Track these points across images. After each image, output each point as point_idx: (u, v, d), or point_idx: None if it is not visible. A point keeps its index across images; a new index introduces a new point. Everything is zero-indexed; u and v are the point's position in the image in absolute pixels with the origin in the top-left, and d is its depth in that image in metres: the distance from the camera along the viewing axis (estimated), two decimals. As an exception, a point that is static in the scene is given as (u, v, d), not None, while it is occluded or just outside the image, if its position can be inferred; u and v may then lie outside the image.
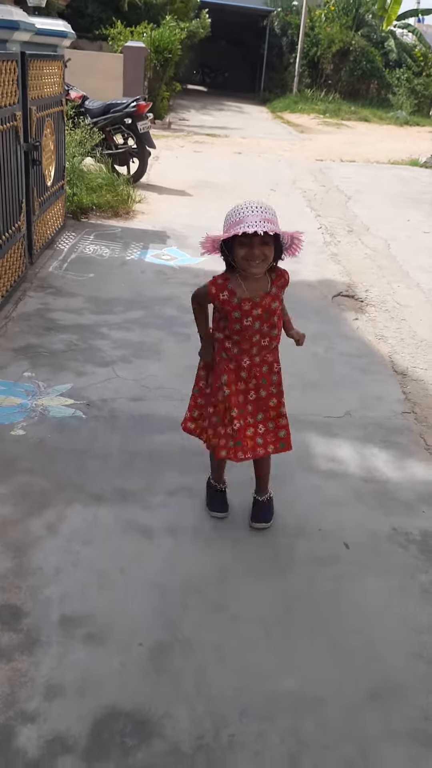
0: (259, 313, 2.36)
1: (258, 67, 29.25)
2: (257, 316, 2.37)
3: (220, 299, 2.36)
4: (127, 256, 5.92)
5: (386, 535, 2.71)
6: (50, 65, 5.56)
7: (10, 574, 2.37)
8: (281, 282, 2.40)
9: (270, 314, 2.39)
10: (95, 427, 3.27)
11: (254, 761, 1.82)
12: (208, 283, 2.40)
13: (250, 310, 2.35)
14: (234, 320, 2.37)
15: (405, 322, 4.99)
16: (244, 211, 2.21)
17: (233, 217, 2.24)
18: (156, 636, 2.17)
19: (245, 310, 2.35)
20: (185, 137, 14.05)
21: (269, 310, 2.38)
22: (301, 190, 9.54)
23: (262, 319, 2.38)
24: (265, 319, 2.38)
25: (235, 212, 2.24)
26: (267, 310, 2.38)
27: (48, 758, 1.79)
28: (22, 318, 4.41)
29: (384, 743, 1.88)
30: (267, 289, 2.37)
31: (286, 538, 2.63)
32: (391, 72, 25.35)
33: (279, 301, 2.41)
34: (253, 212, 2.19)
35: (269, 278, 2.38)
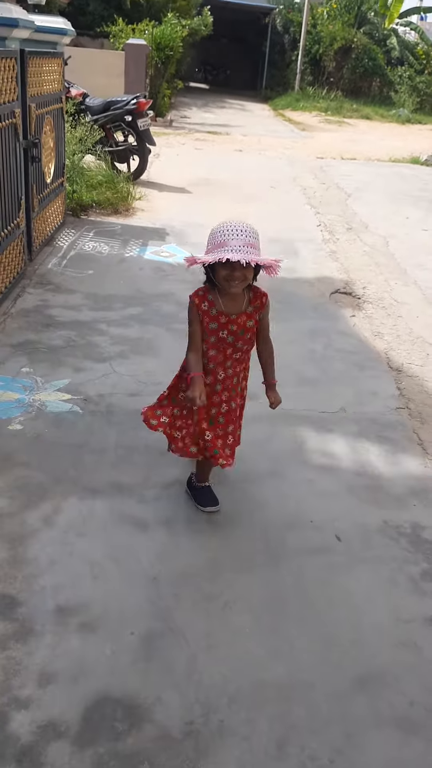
0: (234, 329, 2.46)
1: (260, 64, 29.25)
2: (232, 332, 2.46)
3: (202, 309, 2.45)
4: (126, 253, 5.95)
5: (377, 527, 2.74)
6: (50, 62, 5.59)
7: (5, 565, 2.41)
8: (258, 303, 2.48)
9: (245, 331, 2.49)
10: (92, 422, 3.31)
11: (243, 746, 1.86)
12: (191, 295, 2.48)
13: (226, 324, 2.45)
14: (210, 331, 2.46)
15: (401, 319, 5.02)
16: (228, 234, 2.27)
17: (217, 238, 2.30)
18: (148, 625, 2.21)
19: (222, 323, 2.45)
20: (186, 135, 14.08)
21: (244, 328, 2.48)
22: (301, 187, 9.57)
23: (236, 335, 2.48)
24: (239, 336, 2.48)
25: (219, 233, 2.31)
26: (242, 328, 2.47)
27: (41, 743, 1.83)
28: (21, 314, 4.45)
29: (370, 728, 1.93)
30: (243, 308, 2.46)
31: (279, 530, 2.67)
32: (393, 70, 25.34)
33: (255, 321, 2.49)
34: (237, 236, 2.26)
35: (247, 296, 2.46)
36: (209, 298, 2.45)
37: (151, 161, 9.03)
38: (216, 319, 2.45)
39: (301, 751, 1.85)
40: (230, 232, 2.27)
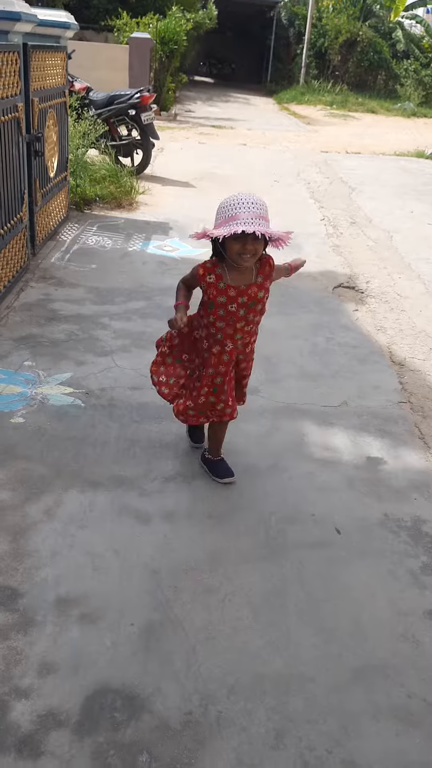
0: (245, 300, 2.44)
1: (265, 58, 29.17)
2: (242, 304, 2.45)
3: (207, 281, 2.43)
4: (129, 247, 5.96)
5: (378, 521, 2.75)
6: (53, 56, 5.59)
7: (7, 557, 2.42)
8: (266, 270, 2.46)
9: (255, 302, 2.47)
10: (94, 416, 3.32)
11: (241, 736, 1.87)
12: (197, 265, 2.47)
13: (236, 297, 2.43)
14: (219, 305, 2.45)
15: (404, 313, 5.01)
16: (239, 207, 2.23)
17: (227, 211, 2.27)
18: (148, 616, 2.22)
19: (231, 296, 2.42)
20: (190, 129, 14.05)
21: (255, 299, 2.46)
22: (305, 181, 9.55)
23: (246, 307, 2.46)
24: (250, 307, 2.46)
25: (229, 206, 2.27)
26: (252, 299, 2.45)
27: (41, 732, 1.84)
28: (24, 308, 4.46)
29: (367, 719, 1.93)
30: (253, 279, 2.44)
31: (279, 523, 2.68)
32: (398, 63, 25.23)
33: (265, 291, 2.48)
34: (248, 209, 2.22)
35: (255, 268, 2.44)
36: (217, 272, 2.43)
37: (154, 155, 9.02)
38: (224, 292, 2.43)
39: (299, 742, 1.86)
40: (241, 204, 2.24)
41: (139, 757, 1.80)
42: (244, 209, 2.22)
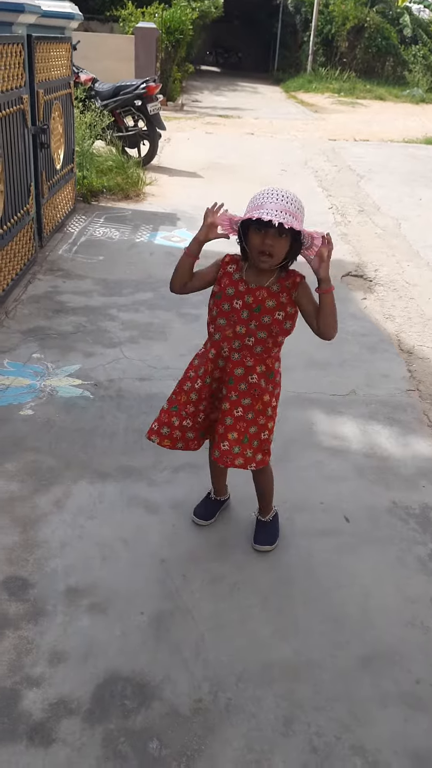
0: (251, 301, 2.19)
1: (271, 46, 28.97)
2: (247, 304, 2.19)
3: (226, 270, 2.23)
4: (136, 238, 5.96)
5: (386, 508, 2.75)
6: (57, 47, 5.57)
7: (17, 548, 2.44)
8: (288, 283, 2.18)
9: (261, 311, 2.19)
10: (102, 407, 3.34)
11: (250, 723, 1.88)
12: (227, 254, 2.27)
13: (243, 294, 2.19)
14: (226, 297, 2.23)
15: (413, 301, 4.99)
16: (266, 198, 2.04)
17: (254, 201, 2.08)
18: (157, 605, 2.24)
19: (239, 290, 2.21)
20: (197, 119, 13.99)
21: (261, 305, 2.18)
22: (312, 170, 9.50)
23: (250, 310, 2.19)
24: (254, 312, 2.19)
25: (258, 197, 2.08)
26: (259, 304, 2.18)
27: (52, 720, 1.86)
28: (32, 300, 4.47)
29: (375, 705, 1.94)
30: (267, 283, 2.18)
31: (288, 511, 2.68)
32: (407, 49, 24.97)
33: (277, 302, 2.18)
34: (276, 201, 2.02)
35: (276, 275, 2.19)
36: (240, 263, 2.22)
37: (161, 146, 9.00)
38: (235, 284, 2.20)
39: (307, 728, 1.87)
40: (269, 195, 2.04)
41: (149, 743, 1.82)
42: (271, 200, 2.03)
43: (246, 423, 2.28)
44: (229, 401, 2.27)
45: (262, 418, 2.30)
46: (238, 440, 2.28)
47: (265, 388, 2.28)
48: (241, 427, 2.27)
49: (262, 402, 2.28)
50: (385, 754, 1.81)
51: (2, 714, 1.87)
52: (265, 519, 2.57)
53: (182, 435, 2.39)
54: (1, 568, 2.35)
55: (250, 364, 2.25)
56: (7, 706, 1.89)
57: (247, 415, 2.27)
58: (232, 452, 2.28)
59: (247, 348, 2.24)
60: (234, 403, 2.27)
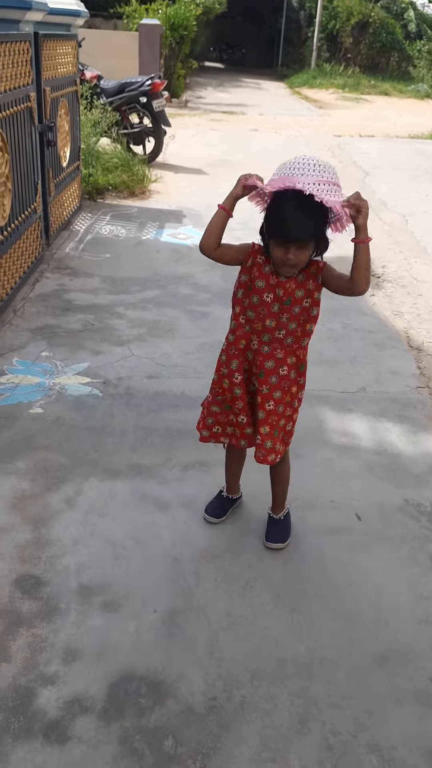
0: (281, 294, 2.15)
1: (275, 42, 28.89)
2: (278, 297, 2.16)
3: (257, 260, 2.17)
4: (143, 235, 5.95)
5: (397, 506, 2.75)
6: (64, 45, 5.57)
7: (29, 546, 2.45)
8: (312, 270, 2.15)
9: (292, 302, 2.16)
10: (111, 405, 3.34)
11: (265, 721, 1.88)
12: (253, 242, 2.22)
13: (274, 287, 2.16)
14: (255, 290, 2.18)
15: (422, 297, 4.98)
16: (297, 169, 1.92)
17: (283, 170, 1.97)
18: (170, 603, 2.24)
19: (270, 284, 2.16)
20: (202, 115, 13.98)
21: (292, 297, 2.16)
22: (318, 166, 9.46)
23: (281, 303, 2.16)
24: (285, 305, 2.17)
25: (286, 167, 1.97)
26: (289, 295, 2.16)
27: (67, 718, 1.87)
28: (40, 299, 4.48)
29: (390, 703, 1.94)
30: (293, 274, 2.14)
31: (299, 510, 2.68)
32: (411, 44, 24.89)
33: (305, 291, 2.16)
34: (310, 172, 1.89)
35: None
36: (266, 255, 2.15)
37: (166, 143, 8.99)
38: (266, 277, 2.15)
39: (323, 726, 1.87)
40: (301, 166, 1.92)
41: (165, 741, 1.82)
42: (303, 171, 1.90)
43: (277, 416, 2.28)
44: (261, 395, 2.26)
45: (290, 410, 2.32)
46: (270, 434, 2.29)
47: (295, 380, 2.28)
48: (273, 421, 2.28)
49: (291, 394, 2.28)
50: (400, 751, 1.81)
51: (18, 712, 1.87)
52: (278, 516, 2.57)
53: (241, 432, 2.37)
54: (14, 567, 2.35)
55: (281, 356, 2.23)
56: (23, 704, 1.90)
57: (278, 408, 2.27)
58: (265, 447, 2.29)
59: (278, 341, 2.22)
60: (265, 397, 2.26)
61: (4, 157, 4.03)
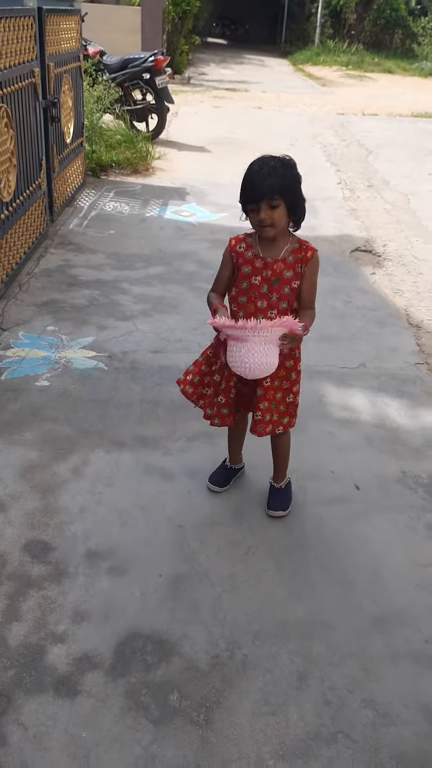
0: (269, 275, 2.27)
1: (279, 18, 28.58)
2: (266, 278, 2.27)
3: (236, 251, 2.31)
4: (146, 212, 5.98)
5: (395, 477, 2.82)
6: (67, 20, 5.56)
7: (38, 513, 2.52)
8: (301, 255, 2.26)
9: (280, 282, 2.27)
10: (117, 378, 3.40)
11: (266, 677, 1.97)
12: (231, 237, 2.36)
13: (261, 269, 2.27)
14: (243, 276, 2.30)
15: (422, 275, 5.02)
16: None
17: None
18: (175, 568, 2.32)
19: (256, 267, 2.27)
20: (204, 92, 13.89)
21: (280, 277, 2.27)
22: (321, 144, 9.45)
23: (270, 283, 2.27)
24: (273, 285, 2.27)
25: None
26: (277, 276, 2.27)
27: (76, 674, 1.95)
28: (44, 274, 4.52)
29: (386, 662, 2.02)
30: (281, 255, 2.26)
31: (300, 480, 2.75)
32: (416, 21, 24.61)
33: (295, 274, 2.27)
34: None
35: (290, 245, 2.27)
36: (248, 241, 2.30)
37: (169, 120, 8.97)
38: (251, 262, 2.27)
39: (321, 683, 1.96)
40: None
41: (170, 695, 1.90)
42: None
43: (274, 390, 2.38)
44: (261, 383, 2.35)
45: (287, 383, 2.41)
46: (269, 409, 2.39)
47: (290, 354, 2.35)
48: (270, 395, 2.38)
49: (285, 368, 2.36)
50: (395, 706, 1.90)
51: (29, 668, 1.95)
52: (279, 485, 2.64)
53: (217, 411, 2.45)
54: (23, 533, 2.43)
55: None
56: (34, 660, 1.98)
57: (274, 383, 2.36)
58: (264, 421, 2.39)
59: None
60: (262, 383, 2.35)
61: (9, 133, 4.06)
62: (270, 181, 2.13)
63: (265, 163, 2.16)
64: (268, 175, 2.13)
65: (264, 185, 2.13)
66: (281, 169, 2.16)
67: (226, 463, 2.75)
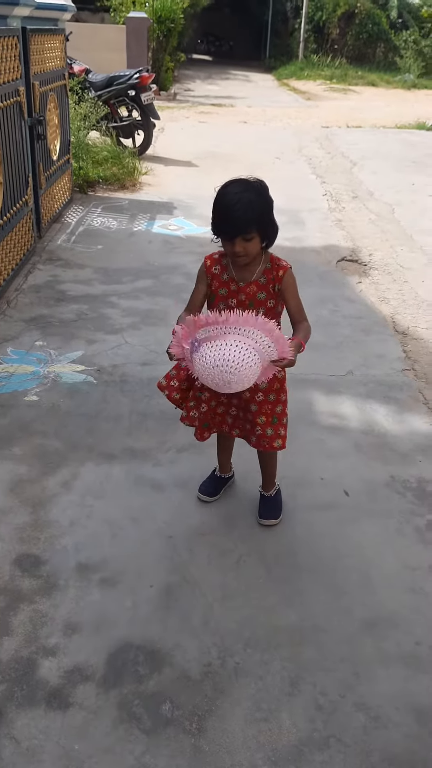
0: (243, 299, 2.27)
1: (263, 34, 28.89)
2: (241, 302, 2.27)
3: (212, 272, 2.31)
4: (134, 227, 6.01)
5: (384, 482, 2.84)
6: (52, 39, 5.61)
7: (28, 527, 2.52)
8: (273, 275, 2.26)
9: (254, 303, 2.26)
10: (106, 391, 3.41)
11: (258, 684, 1.97)
12: (205, 257, 2.36)
13: (236, 293, 2.28)
14: (220, 298, 2.30)
15: (407, 284, 5.06)
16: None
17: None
18: (165, 578, 2.32)
19: (231, 290, 2.28)
20: (190, 108, 14.01)
21: (253, 299, 2.27)
22: (306, 157, 9.54)
23: (245, 307, 2.24)
24: (248, 308, 2.23)
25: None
26: (251, 299, 2.27)
27: (68, 686, 1.95)
28: (33, 290, 4.54)
29: (377, 666, 2.03)
30: (254, 278, 2.26)
31: (290, 487, 2.76)
32: (397, 35, 24.92)
33: (269, 294, 2.27)
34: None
35: (262, 266, 2.26)
36: (223, 263, 2.29)
37: (156, 135, 9.04)
38: (226, 285, 2.29)
39: (313, 688, 1.96)
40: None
41: (162, 705, 1.90)
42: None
43: (270, 404, 2.39)
44: (249, 390, 2.33)
45: (283, 395, 2.43)
46: (268, 422, 2.40)
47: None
48: (266, 409, 2.38)
49: (278, 380, 2.38)
50: (387, 709, 1.90)
51: (21, 681, 1.95)
52: (269, 494, 2.65)
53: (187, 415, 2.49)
54: (14, 547, 2.43)
55: None
56: (25, 674, 1.98)
57: (269, 397, 2.38)
58: (267, 435, 2.41)
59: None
60: (253, 391, 2.34)
61: (-5, 151, 4.09)
62: (246, 217, 2.10)
63: (240, 196, 2.11)
64: (245, 210, 2.10)
65: (240, 221, 2.10)
66: (256, 202, 2.13)
67: (216, 473, 2.76)
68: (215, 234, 2.21)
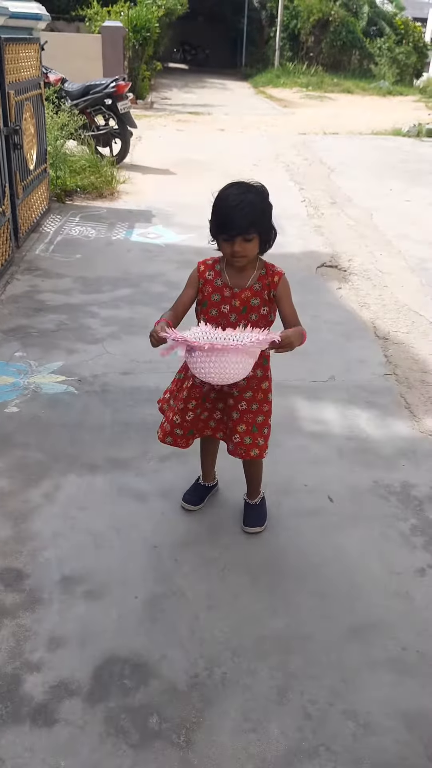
0: (237, 305, 2.26)
1: (238, 42, 29.04)
2: (234, 308, 2.26)
3: (205, 277, 2.30)
4: (113, 236, 6.00)
5: (368, 487, 2.84)
6: (26, 48, 5.59)
7: (10, 541, 2.49)
8: (268, 281, 2.26)
9: (248, 310, 2.26)
10: (87, 402, 3.38)
11: (246, 694, 1.95)
12: (199, 261, 2.35)
13: (230, 299, 2.26)
14: (212, 303, 2.29)
15: (387, 288, 5.09)
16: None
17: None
18: (151, 589, 2.30)
19: (225, 296, 2.27)
20: (167, 116, 14.03)
21: (247, 305, 2.26)
22: (284, 164, 9.59)
23: (238, 312, 2.26)
24: (241, 314, 2.26)
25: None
26: (244, 305, 2.26)
27: (53, 702, 1.92)
28: (11, 300, 4.50)
29: (365, 672, 2.02)
30: (248, 284, 2.26)
31: (274, 495, 2.75)
32: (372, 42, 25.17)
33: (263, 301, 2.26)
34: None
35: (257, 272, 2.26)
36: (216, 268, 2.28)
37: (133, 144, 9.03)
38: (220, 290, 2.27)
39: (301, 696, 1.95)
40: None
41: (149, 719, 1.88)
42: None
43: (252, 414, 2.38)
44: (232, 397, 2.36)
45: (266, 405, 2.42)
46: (247, 431, 2.38)
47: (263, 376, 2.38)
48: (248, 418, 2.38)
49: (262, 390, 2.39)
50: (376, 716, 1.90)
51: (5, 698, 1.92)
52: (254, 502, 2.64)
53: (171, 430, 2.46)
54: (-4, 561, 2.39)
55: None
56: (9, 691, 1.94)
57: (251, 407, 2.37)
58: (245, 443, 2.39)
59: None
60: (237, 399, 2.36)
61: (-29, 161, 4.06)
62: (249, 218, 2.11)
63: (242, 197, 2.13)
64: (247, 212, 2.11)
65: (242, 221, 2.11)
66: (258, 204, 2.15)
67: (200, 481, 2.75)
68: (213, 235, 2.22)
